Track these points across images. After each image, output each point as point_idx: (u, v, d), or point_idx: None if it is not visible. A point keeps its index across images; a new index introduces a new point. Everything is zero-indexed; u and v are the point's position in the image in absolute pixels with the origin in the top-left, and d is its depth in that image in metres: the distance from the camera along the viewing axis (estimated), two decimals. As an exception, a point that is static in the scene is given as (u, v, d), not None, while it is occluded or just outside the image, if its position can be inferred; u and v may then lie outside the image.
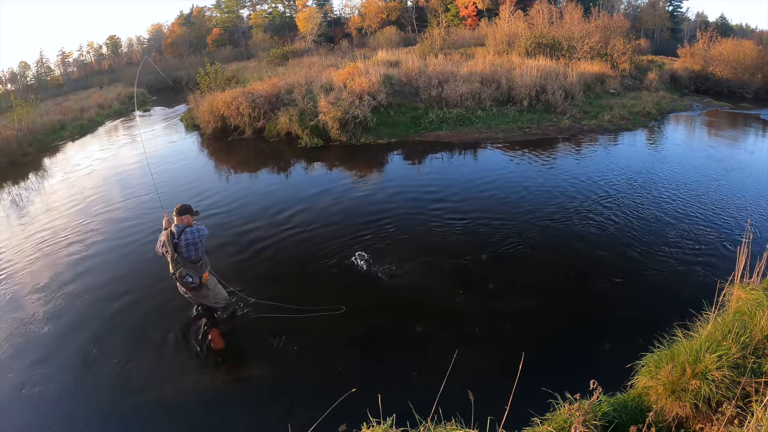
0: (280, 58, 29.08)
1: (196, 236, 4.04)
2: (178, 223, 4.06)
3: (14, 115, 15.54)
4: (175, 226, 4.06)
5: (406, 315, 4.57)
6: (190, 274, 4.00)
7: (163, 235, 4.08)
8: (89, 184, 10.20)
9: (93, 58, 54.70)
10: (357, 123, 11.85)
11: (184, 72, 34.86)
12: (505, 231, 6.37)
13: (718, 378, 2.53)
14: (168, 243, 3.98)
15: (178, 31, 52.60)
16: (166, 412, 3.60)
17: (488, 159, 10.27)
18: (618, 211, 6.95)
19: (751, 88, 21.02)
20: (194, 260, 4.07)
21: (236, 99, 13.10)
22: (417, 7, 46.18)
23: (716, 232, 6.20)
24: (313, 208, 7.46)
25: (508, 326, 4.40)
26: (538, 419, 2.59)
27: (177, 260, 3.99)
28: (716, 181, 8.48)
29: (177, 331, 4.52)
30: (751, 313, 2.97)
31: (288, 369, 3.99)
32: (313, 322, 4.51)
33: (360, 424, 2.39)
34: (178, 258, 3.99)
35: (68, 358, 4.29)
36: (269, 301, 4.77)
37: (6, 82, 44.38)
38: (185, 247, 3.99)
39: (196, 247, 4.05)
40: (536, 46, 19.65)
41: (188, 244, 4.00)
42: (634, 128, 13.22)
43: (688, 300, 4.46)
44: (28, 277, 5.93)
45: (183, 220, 4.07)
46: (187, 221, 4.08)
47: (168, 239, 3.99)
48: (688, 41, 26.28)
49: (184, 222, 4.07)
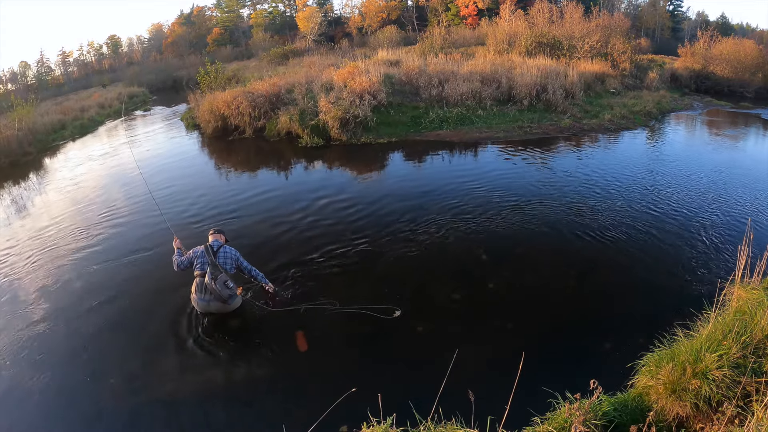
0: (281, 57, 29.08)
1: (232, 253, 4.65)
2: (214, 239, 4.73)
3: (15, 115, 15.52)
4: (214, 241, 4.69)
5: (406, 315, 4.56)
6: (230, 280, 4.44)
7: (200, 247, 4.60)
8: (89, 186, 10.21)
9: (93, 57, 54.66)
10: (357, 122, 11.85)
11: (184, 72, 34.92)
12: (504, 230, 6.37)
13: (719, 377, 2.53)
14: (208, 253, 4.50)
15: (179, 31, 52.56)
16: (166, 411, 3.59)
17: (488, 158, 10.25)
18: (618, 210, 6.94)
19: (751, 87, 21.01)
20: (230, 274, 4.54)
21: (237, 98, 13.10)
22: (417, 7, 46.10)
23: (716, 232, 6.19)
24: (311, 207, 7.46)
25: (508, 326, 4.40)
26: (538, 419, 2.59)
27: (217, 268, 4.43)
28: (716, 180, 8.47)
29: (177, 331, 4.52)
30: (752, 313, 2.97)
31: (288, 369, 3.98)
32: (313, 322, 4.51)
33: (360, 423, 2.39)
34: (219, 266, 4.46)
35: (68, 358, 4.29)
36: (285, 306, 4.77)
37: (6, 81, 44.37)
38: (223, 258, 4.55)
39: (233, 261, 4.61)
40: (537, 46, 19.62)
41: (226, 256, 4.59)
42: (635, 127, 13.21)
43: (689, 300, 4.48)
44: (27, 277, 5.93)
45: (220, 238, 4.79)
46: (221, 239, 4.79)
47: (208, 250, 4.52)
48: (689, 40, 26.22)
49: (221, 239, 4.77)
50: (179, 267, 4.58)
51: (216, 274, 4.37)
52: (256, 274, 4.75)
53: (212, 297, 4.39)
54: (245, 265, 4.72)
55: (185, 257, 4.59)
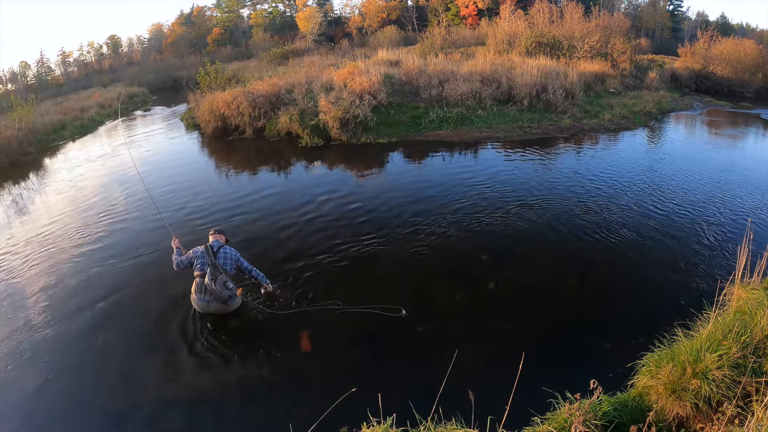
0: (281, 57, 29.07)
1: (233, 254, 4.64)
2: (214, 239, 4.70)
3: (15, 115, 15.52)
4: (214, 241, 4.67)
5: (406, 314, 4.56)
6: (230, 281, 4.43)
7: (200, 247, 4.58)
8: (88, 186, 10.20)
9: (93, 57, 54.68)
10: (357, 122, 11.84)
11: (184, 72, 34.92)
12: (504, 230, 6.37)
13: (719, 377, 2.53)
14: (208, 253, 4.49)
15: (179, 31, 52.57)
16: (166, 411, 3.59)
17: (488, 158, 10.25)
18: (618, 210, 6.94)
19: (751, 87, 21.02)
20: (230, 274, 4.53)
21: (236, 98, 13.09)
22: (417, 7, 46.11)
23: (717, 232, 6.19)
24: (310, 208, 7.46)
25: (508, 326, 4.40)
26: (538, 419, 2.59)
27: (217, 269, 4.42)
28: (716, 180, 8.47)
29: (177, 331, 4.51)
30: (752, 313, 2.97)
31: (288, 369, 3.98)
32: (313, 322, 4.51)
33: (360, 423, 2.39)
34: (219, 267, 4.45)
35: (68, 357, 4.29)
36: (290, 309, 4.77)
37: (6, 81, 44.36)
38: (223, 259, 4.54)
39: (233, 262, 4.60)
40: (536, 46, 19.62)
41: (226, 256, 4.57)
42: (635, 127, 13.21)
43: (689, 300, 4.48)
44: (26, 277, 5.93)
45: (220, 238, 4.77)
46: (222, 239, 4.77)
47: (208, 251, 4.50)
48: (689, 40, 26.22)
49: (221, 240, 4.75)
50: (179, 266, 4.58)
51: (216, 274, 4.38)
52: (256, 274, 4.76)
53: (212, 298, 4.39)
54: (246, 265, 4.72)
55: (185, 257, 4.59)
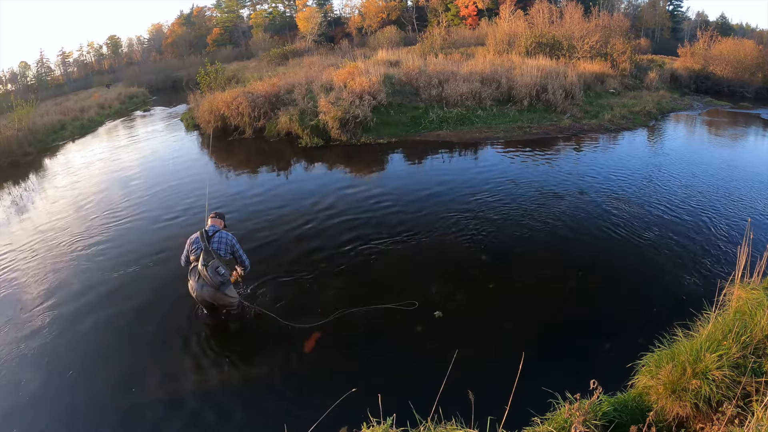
0: (280, 57, 29.10)
1: (229, 238, 4.47)
2: (212, 224, 4.55)
3: (14, 115, 15.53)
4: (210, 226, 4.51)
5: (406, 314, 4.56)
6: (222, 267, 4.29)
7: (196, 233, 4.44)
8: (88, 186, 10.20)
9: (93, 58, 54.75)
10: (357, 122, 11.84)
11: (184, 72, 34.97)
12: (504, 230, 6.36)
13: (719, 378, 2.53)
14: (203, 238, 4.35)
15: (178, 31, 52.62)
16: (166, 412, 3.59)
17: (487, 159, 10.24)
18: (618, 210, 6.94)
19: (751, 87, 21.03)
20: (225, 259, 4.38)
21: (236, 99, 13.09)
22: (417, 7, 46.17)
23: (716, 232, 6.18)
24: (310, 207, 7.47)
25: (508, 326, 4.39)
26: (538, 419, 2.58)
27: (210, 254, 4.28)
28: (716, 180, 8.47)
29: (177, 331, 4.51)
30: (752, 313, 2.97)
31: (288, 369, 3.98)
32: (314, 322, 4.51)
33: (360, 423, 2.39)
34: (212, 252, 4.30)
35: (67, 357, 4.29)
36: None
37: (6, 82, 44.39)
38: (217, 243, 4.38)
39: (228, 246, 4.43)
40: (536, 46, 19.64)
41: (221, 241, 4.41)
42: (635, 127, 13.21)
43: (689, 300, 4.48)
44: (26, 277, 5.92)
45: (218, 223, 4.60)
46: (220, 224, 4.60)
47: (202, 235, 4.37)
48: (689, 40, 26.25)
49: (218, 224, 4.57)
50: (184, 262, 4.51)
51: (208, 260, 4.25)
52: (242, 261, 4.61)
53: (204, 283, 4.28)
54: (240, 253, 4.55)
55: (185, 250, 4.49)
